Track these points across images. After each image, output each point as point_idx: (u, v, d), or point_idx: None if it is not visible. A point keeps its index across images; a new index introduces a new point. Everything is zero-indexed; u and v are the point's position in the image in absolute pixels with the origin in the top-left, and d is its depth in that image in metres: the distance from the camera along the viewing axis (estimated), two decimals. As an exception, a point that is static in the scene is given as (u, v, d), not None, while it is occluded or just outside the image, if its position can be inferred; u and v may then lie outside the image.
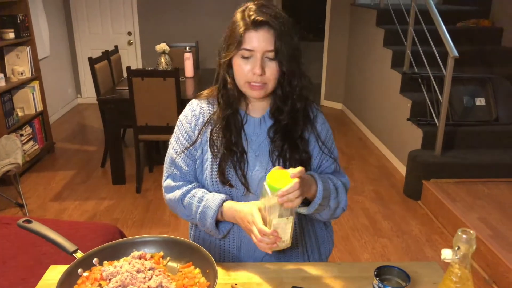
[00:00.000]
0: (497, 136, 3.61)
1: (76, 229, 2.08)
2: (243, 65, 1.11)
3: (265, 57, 1.10)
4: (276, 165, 1.19)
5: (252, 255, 1.26)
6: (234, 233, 1.25)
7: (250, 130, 1.22)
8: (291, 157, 1.20)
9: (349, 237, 2.96)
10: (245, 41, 1.09)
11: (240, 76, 1.14)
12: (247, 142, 1.21)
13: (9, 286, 1.73)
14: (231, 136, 1.19)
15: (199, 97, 1.28)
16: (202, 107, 1.25)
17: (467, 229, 0.77)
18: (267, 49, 1.08)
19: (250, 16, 1.08)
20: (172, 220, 3.13)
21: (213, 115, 1.23)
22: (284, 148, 1.19)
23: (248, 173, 1.20)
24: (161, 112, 3.35)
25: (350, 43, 5.64)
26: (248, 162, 1.20)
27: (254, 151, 1.21)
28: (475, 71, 3.99)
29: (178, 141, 1.26)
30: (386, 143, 4.41)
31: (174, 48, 4.53)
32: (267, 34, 1.08)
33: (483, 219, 2.85)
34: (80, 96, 6.28)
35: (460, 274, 0.78)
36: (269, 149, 1.21)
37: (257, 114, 1.23)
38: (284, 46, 1.08)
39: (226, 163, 1.19)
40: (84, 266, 1.01)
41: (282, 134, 1.19)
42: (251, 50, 1.09)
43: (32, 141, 4.00)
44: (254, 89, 1.13)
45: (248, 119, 1.22)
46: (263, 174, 1.19)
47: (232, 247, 1.27)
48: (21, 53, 3.97)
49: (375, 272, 1.05)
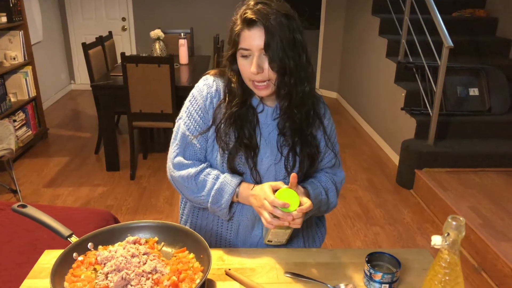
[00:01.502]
0: (489, 127, 3.65)
1: (70, 214, 2.08)
2: (245, 64, 1.11)
3: (262, 55, 1.09)
4: (286, 158, 1.21)
5: (248, 239, 1.28)
6: (233, 220, 1.26)
7: (263, 119, 1.22)
8: (302, 152, 1.21)
9: (341, 225, 2.99)
10: (241, 40, 1.10)
11: (244, 75, 1.14)
12: (260, 131, 1.21)
13: (4, 271, 1.74)
14: (243, 131, 1.18)
15: (213, 74, 1.26)
16: (219, 85, 1.23)
17: (457, 216, 0.79)
18: (261, 47, 1.08)
19: (244, 14, 1.08)
20: (166, 207, 3.15)
21: (221, 103, 1.21)
22: (295, 142, 1.20)
23: (258, 160, 1.21)
24: (155, 99, 3.34)
25: (346, 32, 5.62)
26: (259, 151, 1.21)
27: (265, 139, 1.22)
28: (469, 61, 4.00)
29: (191, 118, 1.22)
30: (379, 132, 4.43)
31: (169, 34, 4.50)
32: (260, 32, 1.07)
33: (474, 208, 2.89)
34: (73, 82, 6.23)
35: (449, 260, 0.80)
36: (277, 140, 1.21)
37: (271, 103, 1.22)
38: (275, 42, 1.06)
39: (237, 155, 1.19)
40: (79, 251, 1.02)
41: (293, 130, 1.20)
42: (247, 49, 1.09)
43: (25, 127, 3.98)
44: (259, 88, 1.13)
45: (264, 108, 1.22)
46: (273, 162, 1.21)
47: (229, 233, 1.28)
48: (14, 38, 3.92)
49: (366, 258, 1.07)
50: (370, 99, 4.74)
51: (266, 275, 1.11)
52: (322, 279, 1.08)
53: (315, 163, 1.25)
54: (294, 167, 1.21)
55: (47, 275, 1.07)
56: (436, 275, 0.82)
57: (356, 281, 1.09)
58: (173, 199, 3.25)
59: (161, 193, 3.35)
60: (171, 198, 3.26)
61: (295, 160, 1.21)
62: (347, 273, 1.12)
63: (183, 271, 0.97)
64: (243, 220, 1.25)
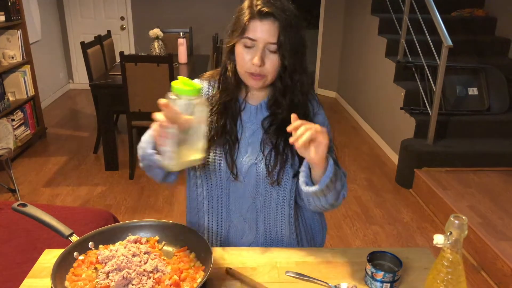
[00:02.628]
0: (489, 126, 3.65)
1: (70, 214, 2.08)
2: (245, 54, 1.10)
3: (266, 48, 1.08)
4: (268, 156, 1.17)
5: (239, 241, 1.27)
6: (223, 217, 1.26)
7: (246, 117, 1.22)
8: (284, 151, 1.18)
9: (341, 224, 2.99)
10: (249, 29, 1.08)
11: (241, 65, 1.13)
12: (242, 129, 1.21)
13: (4, 270, 1.73)
14: (226, 123, 1.18)
15: (201, 77, 1.27)
16: (202, 87, 1.24)
17: (459, 215, 0.79)
18: (270, 41, 1.07)
19: (257, 6, 1.07)
20: (165, 206, 3.14)
21: (211, 97, 1.22)
22: (278, 142, 1.18)
23: (238, 160, 1.20)
24: (154, 98, 3.28)
25: (345, 31, 5.62)
26: (239, 149, 1.20)
27: (247, 138, 1.21)
28: (468, 60, 4.01)
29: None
30: (379, 131, 4.43)
31: (168, 33, 4.49)
32: (272, 26, 1.06)
33: (473, 207, 2.89)
34: (72, 81, 6.21)
35: (452, 259, 0.80)
36: (261, 139, 1.20)
37: (254, 101, 1.23)
38: (287, 40, 1.06)
39: (213, 148, 1.18)
40: (80, 250, 1.02)
41: (277, 128, 1.18)
42: (253, 39, 1.08)
43: (23, 126, 3.97)
44: (253, 79, 1.12)
45: (246, 106, 1.22)
46: (253, 162, 1.19)
47: (220, 230, 1.27)
48: (12, 37, 3.91)
49: (368, 257, 1.07)
50: (369, 99, 4.74)
51: (267, 274, 1.10)
52: (323, 279, 1.08)
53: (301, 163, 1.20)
54: (275, 166, 1.18)
55: (47, 274, 1.06)
56: (439, 274, 0.82)
57: (358, 280, 1.09)
58: (173, 199, 3.24)
59: (160, 192, 3.34)
60: (170, 198, 3.26)
61: (276, 159, 1.18)
62: (348, 272, 1.12)
63: (184, 270, 0.97)
64: (232, 222, 1.25)
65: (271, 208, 1.25)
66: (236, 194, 1.23)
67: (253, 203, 1.23)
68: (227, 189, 1.22)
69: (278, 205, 1.25)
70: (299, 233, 1.32)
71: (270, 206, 1.24)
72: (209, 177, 1.22)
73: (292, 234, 1.29)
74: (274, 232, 1.28)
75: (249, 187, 1.21)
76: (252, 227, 1.26)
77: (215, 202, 1.25)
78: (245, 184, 1.21)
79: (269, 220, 1.26)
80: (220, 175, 1.21)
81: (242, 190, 1.22)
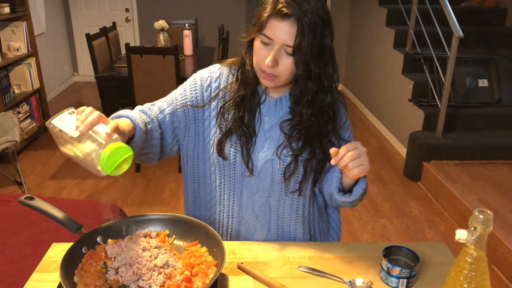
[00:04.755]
0: (499, 118, 3.59)
1: (77, 207, 2.06)
2: (262, 50, 1.05)
3: (283, 50, 1.03)
4: (288, 167, 1.14)
5: (250, 237, 1.24)
6: (234, 212, 1.22)
7: (264, 110, 1.17)
8: (309, 160, 1.14)
9: (349, 218, 2.96)
10: (267, 27, 1.02)
11: (256, 60, 1.08)
12: (260, 122, 1.17)
13: (10, 263, 1.72)
14: (244, 115, 1.14)
15: (222, 63, 1.23)
16: (222, 73, 1.20)
17: (484, 209, 0.75)
18: (286, 43, 1.01)
19: (280, 3, 1.00)
20: (172, 199, 3.12)
21: (230, 84, 1.18)
22: (302, 151, 1.14)
23: (254, 154, 1.16)
24: (160, 90, 3.26)
25: (352, 22, 5.55)
26: (256, 143, 1.16)
27: (265, 133, 1.17)
28: (478, 51, 3.94)
29: (181, 90, 1.20)
30: (386, 124, 4.38)
31: (173, 25, 4.45)
32: (291, 28, 0.99)
33: (483, 200, 2.85)
34: (77, 74, 6.19)
35: (476, 255, 0.77)
36: (278, 139, 1.15)
37: (275, 94, 1.17)
38: (305, 45, 1.00)
39: (228, 139, 1.15)
40: (88, 245, 1.00)
41: (300, 136, 1.13)
42: (270, 38, 1.02)
43: (29, 119, 3.95)
44: (265, 78, 1.08)
45: (266, 99, 1.17)
46: (269, 158, 1.16)
47: (231, 224, 1.24)
48: (17, 29, 3.89)
49: (383, 252, 1.04)
50: (376, 91, 4.69)
51: (280, 269, 1.08)
52: (337, 274, 1.05)
53: (324, 168, 1.18)
54: (294, 174, 1.15)
55: (55, 268, 1.05)
56: (461, 271, 0.78)
57: (372, 275, 1.06)
58: (179, 191, 3.22)
59: (166, 185, 3.32)
60: (176, 190, 3.24)
61: (296, 168, 1.14)
62: (363, 267, 1.09)
63: (196, 265, 0.94)
64: (244, 217, 1.22)
65: (285, 207, 1.21)
66: (249, 190, 1.19)
67: (267, 201, 1.20)
68: (240, 184, 1.19)
69: (293, 205, 1.21)
70: (313, 234, 1.29)
71: (284, 205, 1.21)
72: (223, 170, 1.19)
73: (306, 234, 1.26)
74: (287, 232, 1.25)
75: (263, 183, 1.18)
76: (264, 226, 1.23)
77: (227, 196, 1.21)
78: (259, 180, 1.18)
79: (283, 220, 1.23)
80: (235, 168, 1.18)
81: (256, 186, 1.19)
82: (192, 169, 1.24)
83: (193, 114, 1.19)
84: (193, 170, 1.24)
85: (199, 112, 1.19)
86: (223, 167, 1.18)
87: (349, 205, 1.17)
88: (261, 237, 1.24)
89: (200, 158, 1.22)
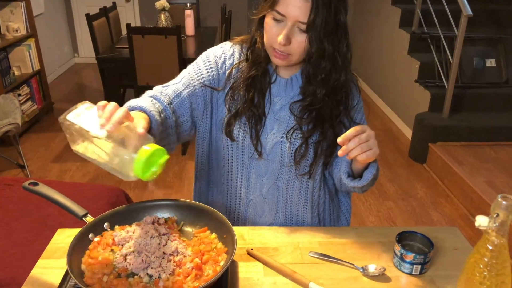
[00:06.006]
0: (506, 99, 3.54)
1: (80, 191, 2.04)
2: (273, 27, 1.00)
3: (296, 27, 0.98)
4: (298, 149, 1.11)
5: (257, 220, 1.23)
6: (242, 194, 1.20)
7: (275, 90, 1.13)
8: (319, 142, 1.12)
9: (354, 200, 2.92)
10: (280, 3, 0.97)
11: (267, 38, 1.03)
12: (270, 103, 1.13)
13: (15, 247, 1.71)
14: (254, 96, 1.10)
15: (233, 41, 1.18)
16: (235, 51, 1.15)
17: (508, 195, 0.72)
18: (300, 19, 0.96)
19: None
20: (175, 182, 3.11)
21: (241, 62, 1.13)
22: (313, 133, 1.11)
23: (263, 136, 1.13)
24: (162, 71, 3.25)
25: (356, 1, 5.44)
26: (265, 125, 1.13)
27: (275, 114, 1.13)
28: (486, 31, 3.86)
29: (196, 69, 1.14)
30: (391, 105, 4.33)
31: (174, 5, 4.36)
32: (304, 4, 0.94)
33: (490, 182, 2.83)
34: (77, 55, 6.11)
35: (497, 243, 0.74)
36: (287, 120, 1.12)
37: (285, 74, 1.13)
38: (320, 21, 0.95)
39: (237, 121, 1.12)
40: (95, 231, 0.97)
41: (311, 118, 1.10)
42: (283, 15, 0.97)
43: (30, 101, 3.91)
44: (277, 56, 1.03)
45: (276, 79, 1.13)
46: (279, 140, 1.13)
47: (238, 207, 1.22)
48: (15, 9, 3.81)
49: (396, 238, 1.02)
50: (382, 72, 4.62)
51: (290, 255, 1.06)
52: (349, 260, 1.03)
53: (334, 151, 1.14)
54: (304, 157, 1.12)
55: (61, 255, 1.03)
56: (482, 259, 0.76)
57: (385, 261, 1.04)
58: (182, 174, 3.20)
59: (170, 168, 3.30)
60: (180, 173, 3.22)
61: (307, 151, 1.12)
62: (375, 253, 1.07)
63: (206, 252, 0.92)
64: (251, 199, 1.20)
65: (294, 190, 1.19)
66: (258, 172, 1.17)
67: (275, 183, 1.18)
68: (248, 166, 1.16)
69: (302, 188, 1.19)
70: (322, 219, 1.26)
71: (293, 188, 1.19)
72: (231, 151, 1.16)
73: (314, 218, 1.24)
74: (295, 216, 1.23)
75: (272, 166, 1.15)
76: (272, 208, 1.21)
77: (235, 177, 1.19)
78: (268, 162, 1.15)
79: (291, 203, 1.21)
80: (243, 150, 1.15)
81: (264, 168, 1.16)
82: (208, 151, 1.22)
83: (211, 94, 1.15)
84: (208, 152, 1.22)
85: (216, 92, 1.15)
86: (231, 148, 1.16)
87: (359, 190, 1.14)
88: (268, 219, 1.22)
89: (215, 140, 1.19)
